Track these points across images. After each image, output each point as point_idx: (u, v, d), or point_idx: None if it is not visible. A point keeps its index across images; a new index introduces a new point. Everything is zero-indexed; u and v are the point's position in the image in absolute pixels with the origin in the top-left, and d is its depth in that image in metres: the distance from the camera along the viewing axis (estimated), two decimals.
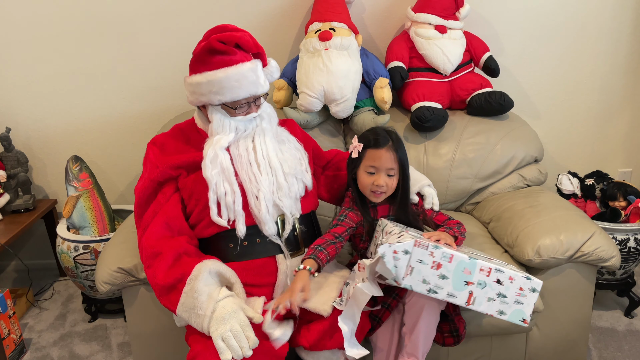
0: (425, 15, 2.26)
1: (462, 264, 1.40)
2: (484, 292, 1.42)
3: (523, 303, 1.44)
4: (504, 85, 2.50)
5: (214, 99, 1.51)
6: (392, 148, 1.59)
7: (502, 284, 1.42)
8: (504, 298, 1.43)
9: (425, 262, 1.39)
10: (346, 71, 2.10)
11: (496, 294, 1.43)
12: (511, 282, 1.43)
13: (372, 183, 1.60)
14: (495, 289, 1.43)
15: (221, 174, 1.51)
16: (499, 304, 1.43)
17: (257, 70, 1.52)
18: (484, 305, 1.43)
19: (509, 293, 1.43)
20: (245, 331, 1.37)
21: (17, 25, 2.41)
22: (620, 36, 2.53)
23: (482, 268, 1.41)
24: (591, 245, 1.75)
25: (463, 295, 1.42)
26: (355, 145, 1.62)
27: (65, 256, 2.27)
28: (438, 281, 1.40)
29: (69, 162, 2.37)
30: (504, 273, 1.42)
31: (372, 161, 1.59)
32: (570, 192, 2.36)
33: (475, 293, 1.42)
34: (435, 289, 1.41)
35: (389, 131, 1.64)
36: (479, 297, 1.42)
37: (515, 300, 1.44)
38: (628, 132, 2.71)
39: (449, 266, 1.40)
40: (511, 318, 1.45)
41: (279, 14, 2.42)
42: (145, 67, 2.49)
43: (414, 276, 1.40)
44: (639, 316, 2.28)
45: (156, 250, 1.48)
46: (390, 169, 1.59)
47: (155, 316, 1.75)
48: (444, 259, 1.39)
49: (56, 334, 2.31)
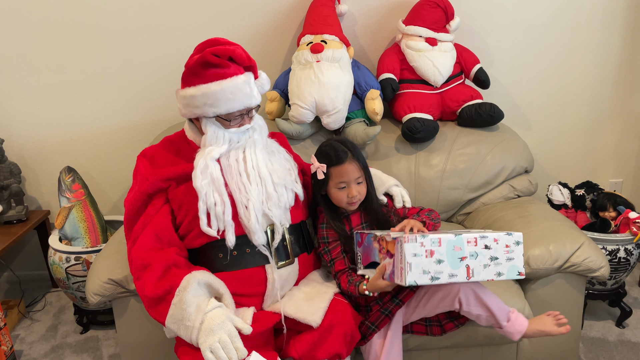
0: (416, 28, 2.29)
1: (451, 243, 1.45)
2: (479, 261, 1.48)
3: (514, 258, 1.50)
4: (495, 97, 2.52)
5: (208, 112, 1.52)
6: (354, 158, 1.64)
7: (490, 248, 1.48)
8: (496, 260, 1.49)
9: (419, 254, 1.44)
10: (337, 83, 2.12)
11: (489, 259, 1.48)
12: (497, 244, 1.49)
13: (346, 196, 1.64)
14: (486, 254, 1.48)
15: (211, 184, 1.52)
16: (494, 266, 1.49)
17: (250, 83, 1.53)
18: (482, 273, 1.48)
19: (499, 254, 1.49)
20: (233, 342, 1.37)
21: (11, 37, 2.43)
22: (609, 48, 2.56)
23: (469, 240, 1.47)
24: (580, 255, 1.76)
25: (462, 271, 1.46)
26: (318, 166, 1.64)
27: (57, 267, 2.27)
28: (436, 267, 1.45)
29: (61, 173, 2.37)
30: (487, 237, 1.48)
31: (339, 177, 1.63)
32: (560, 203, 2.37)
33: (471, 265, 1.47)
34: (437, 275, 1.45)
35: (343, 141, 1.68)
36: (476, 268, 1.47)
37: (507, 257, 1.49)
38: (618, 143, 2.73)
39: (440, 250, 1.45)
40: (509, 276, 1.50)
41: (272, 27, 2.44)
42: (138, 79, 2.50)
43: (414, 271, 1.44)
44: (630, 326, 2.29)
45: (145, 262, 1.48)
46: (358, 177, 1.64)
47: (145, 327, 1.75)
48: (434, 245, 1.44)
49: (47, 345, 2.30)
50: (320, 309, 1.52)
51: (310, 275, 1.70)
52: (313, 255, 1.74)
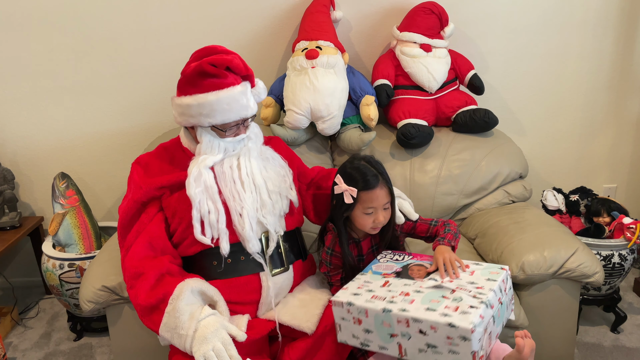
0: (411, 34, 2.30)
1: (379, 317, 1.33)
2: (412, 343, 1.30)
3: (459, 353, 1.24)
4: (489, 103, 2.53)
5: (204, 121, 1.51)
6: (384, 182, 1.55)
7: (426, 334, 1.28)
8: (434, 348, 1.28)
9: (346, 319, 1.38)
10: (332, 89, 2.12)
11: (425, 344, 1.29)
12: (435, 332, 1.26)
13: (372, 221, 1.55)
14: (421, 339, 1.29)
15: (205, 192, 1.51)
16: (432, 354, 1.28)
17: (247, 93, 1.52)
18: (417, 356, 1.31)
19: (438, 342, 1.27)
20: (228, 350, 1.36)
21: (5, 42, 2.42)
22: (602, 54, 2.57)
23: (399, 319, 1.30)
24: (574, 261, 1.76)
25: (393, 347, 1.34)
26: (346, 189, 1.53)
27: (51, 274, 2.26)
28: (366, 335, 1.37)
29: (55, 179, 2.36)
30: (422, 323, 1.27)
31: (369, 203, 1.53)
32: (555, 208, 2.38)
33: (403, 345, 1.32)
34: (367, 342, 1.38)
35: (373, 164, 1.58)
36: (409, 349, 1.31)
37: (449, 350, 1.26)
38: (612, 148, 2.74)
39: (367, 320, 1.35)
40: None
41: (267, 33, 2.44)
42: (133, 85, 2.50)
43: (343, 332, 1.40)
44: (625, 332, 2.29)
45: (139, 271, 1.47)
46: (386, 203, 1.56)
47: (139, 335, 1.74)
48: (361, 314, 1.35)
49: (41, 352, 2.28)
50: (315, 316, 1.52)
51: (305, 281, 1.70)
52: (308, 262, 1.74)
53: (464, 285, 1.39)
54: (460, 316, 1.26)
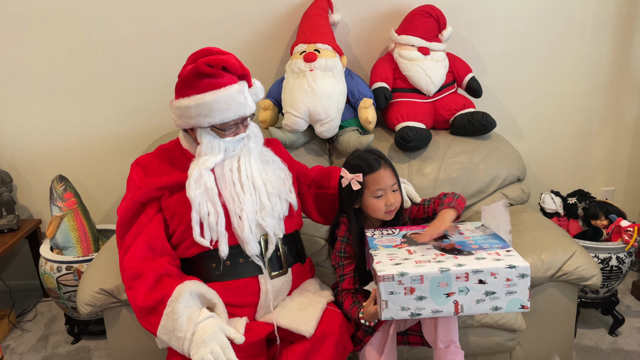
0: (409, 37, 2.30)
1: (436, 279, 1.34)
2: (470, 296, 1.34)
3: (516, 292, 1.34)
4: (487, 106, 2.54)
5: (203, 122, 1.51)
6: (387, 164, 1.62)
7: (485, 282, 1.34)
8: (493, 294, 1.34)
9: (396, 292, 1.35)
10: (331, 92, 2.12)
11: (483, 294, 1.34)
12: (495, 278, 1.33)
13: (384, 204, 1.59)
14: (481, 289, 1.34)
15: (205, 194, 1.51)
16: (490, 301, 1.35)
17: (244, 92, 1.53)
18: (475, 308, 1.35)
19: (496, 288, 1.34)
20: (226, 353, 1.36)
21: (2, 46, 2.42)
22: (600, 57, 2.58)
23: (459, 276, 1.33)
24: (572, 264, 1.76)
25: (448, 307, 1.35)
26: (352, 177, 1.58)
27: (48, 277, 2.25)
28: (417, 304, 1.35)
29: (53, 182, 2.36)
30: (483, 272, 1.33)
31: (376, 185, 1.58)
32: (553, 211, 2.38)
33: (460, 301, 1.34)
34: (418, 312, 1.36)
35: (373, 151, 1.66)
36: (467, 303, 1.35)
37: (507, 292, 1.34)
38: (610, 151, 2.75)
39: (422, 287, 1.34)
40: (508, 309, 1.36)
41: (265, 36, 2.45)
42: (131, 87, 2.50)
43: (390, 308, 1.36)
44: (623, 335, 2.29)
45: (137, 272, 1.47)
46: (394, 184, 1.61)
47: (136, 338, 1.74)
48: (415, 282, 1.34)
49: (38, 356, 2.27)
50: (313, 319, 1.52)
51: (304, 284, 1.70)
52: (306, 265, 1.74)
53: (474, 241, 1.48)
54: (511, 258, 1.37)
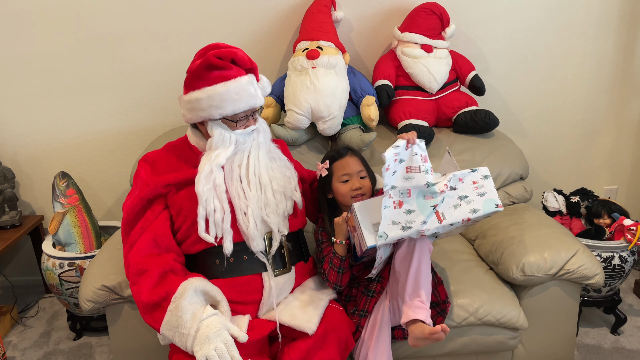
0: (412, 35, 2.30)
1: (422, 192, 1.48)
2: (447, 203, 1.47)
3: (486, 192, 1.49)
4: (490, 104, 2.53)
5: (214, 113, 1.51)
6: (354, 154, 1.74)
7: (456, 188, 1.49)
8: (466, 198, 1.48)
9: (388, 206, 1.47)
10: (333, 89, 2.12)
11: (457, 198, 1.48)
12: (462, 183, 1.49)
13: (350, 189, 1.69)
14: (454, 195, 1.48)
15: (213, 190, 1.51)
16: (466, 204, 1.48)
17: (254, 84, 1.55)
18: (454, 214, 1.47)
19: (467, 192, 1.48)
20: (229, 350, 1.36)
21: (5, 42, 2.42)
22: (603, 56, 2.57)
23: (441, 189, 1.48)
24: (575, 263, 1.76)
25: (433, 218, 1.46)
26: (322, 166, 1.72)
27: (50, 273, 2.26)
28: (407, 217, 1.47)
29: (56, 178, 2.36)
30: (452, 179, 1.49)
31: (342, 170, 1.70)
32: (555, 210, 2.38)
33: (440, 209, 1.47)
34: (409, 224, 1.46)
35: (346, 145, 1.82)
36: (446, 210, 1.47)
37: (478, 193, 1.48)
38: (613, 150, 2.74)
39: (410, 200, 1.48)
40: (485, 210, 1.47)
41: (268, 33, 2.44)
42: (133, 84, 2.49)
43: (383, 223, 1.46)
44: (625, 333, 2.29)
45: (142, 268, 1.47)
46: (360, 171, 1.71)
47: (139, 334, 1.74)
48: (403, 195, 1.48)
49: (40, 352, 2.28)
50: (315, 316, 1.52)
51: (306, 282, 1.70)
52: (309, 264, 1.74)
53: None
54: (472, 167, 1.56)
